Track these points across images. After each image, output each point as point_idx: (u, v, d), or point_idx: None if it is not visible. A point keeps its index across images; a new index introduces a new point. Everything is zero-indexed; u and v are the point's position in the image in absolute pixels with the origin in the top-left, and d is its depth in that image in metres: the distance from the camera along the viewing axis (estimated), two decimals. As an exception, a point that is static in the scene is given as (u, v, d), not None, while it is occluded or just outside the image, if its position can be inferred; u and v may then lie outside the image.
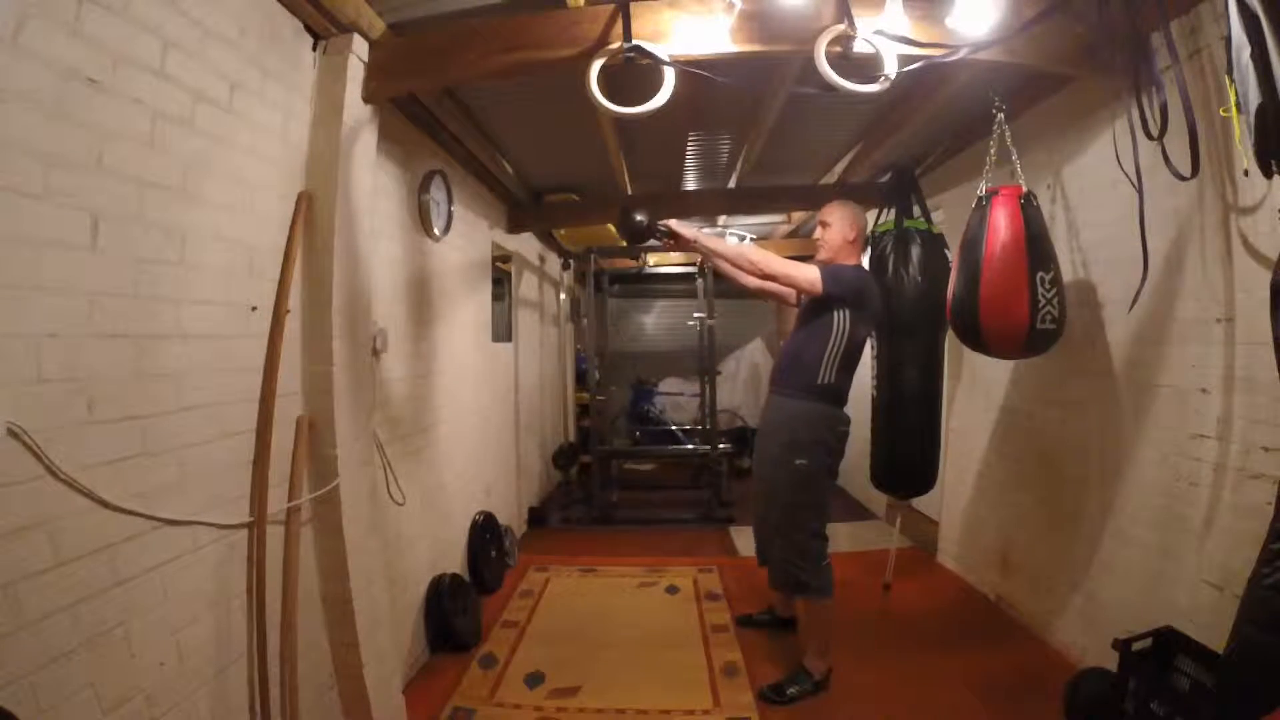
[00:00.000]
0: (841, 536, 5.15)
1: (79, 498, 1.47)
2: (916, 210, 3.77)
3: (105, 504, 1.53)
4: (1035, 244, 2.61)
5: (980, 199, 2.75)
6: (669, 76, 2.30)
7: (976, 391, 4.01)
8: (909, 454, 3.64)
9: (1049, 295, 2.58)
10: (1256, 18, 1.76)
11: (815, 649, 2.94)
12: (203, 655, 1.84)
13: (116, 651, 1.56)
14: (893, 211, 3.76)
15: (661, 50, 2.27)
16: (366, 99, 2.47)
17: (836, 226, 3.02)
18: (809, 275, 2.80)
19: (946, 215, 4.18)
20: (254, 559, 2.03)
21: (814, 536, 2.90)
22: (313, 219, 2.30)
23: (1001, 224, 2.64)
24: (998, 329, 2.66)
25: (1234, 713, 1.78)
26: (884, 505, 5.40)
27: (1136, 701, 2.19)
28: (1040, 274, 2.57)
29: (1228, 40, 1.88)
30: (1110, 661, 2.31)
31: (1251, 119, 1.83)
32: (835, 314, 2.84)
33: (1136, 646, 2.25)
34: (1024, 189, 2.69)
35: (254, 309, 2.08)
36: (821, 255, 3.05)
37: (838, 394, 2.91)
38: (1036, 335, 2.61)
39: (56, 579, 1.41)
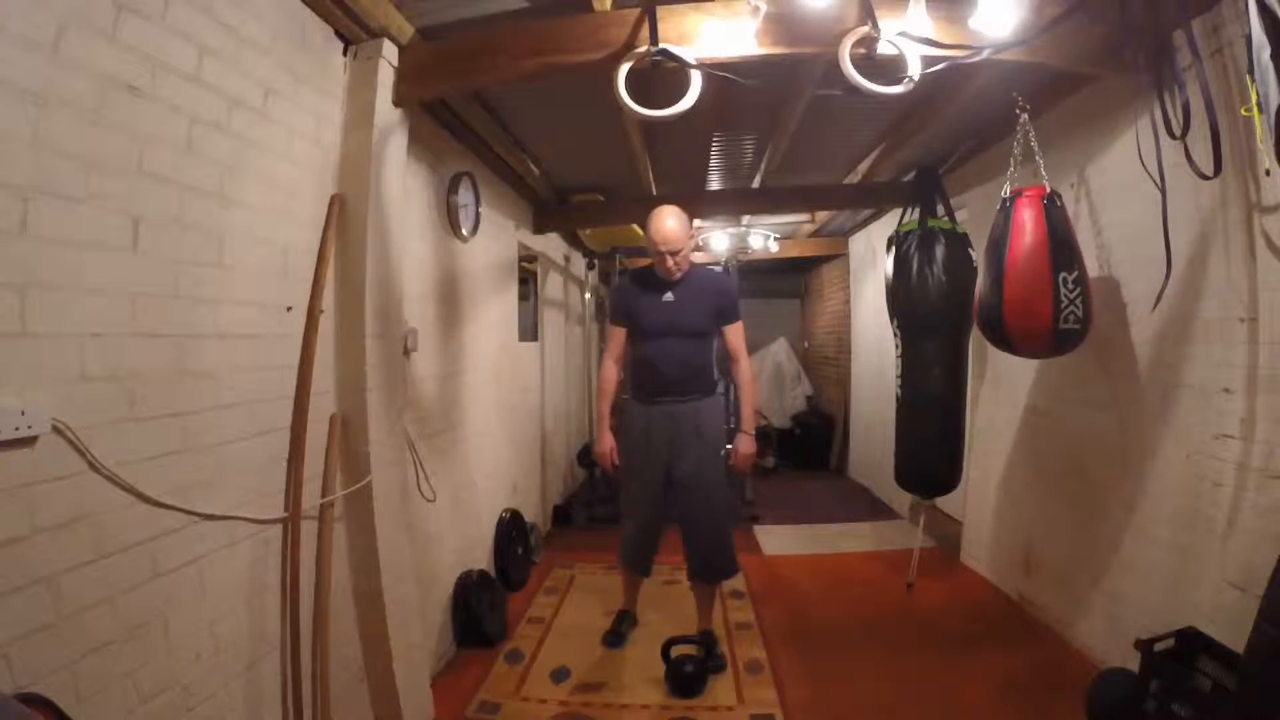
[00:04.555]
0: (865, 536, 5.16)
1: (120, 493, 1.51)
2: (940, 210, 3.75)
3: (145, 499, 1.57)
4: (1058, 245, 2.60)
5: (1004, 200, 2.75)
6: (695, 79, 2.31)
7: (1000, 391, 3.98)
8: (933, 453, 3.63)
9: (1072, 296, 2.57)
10: (1276, 18, 1.75)
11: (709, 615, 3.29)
12: (238, 647, 1.88)
13: (155, 643, 1.60)
14: (917, 211, 3.75)
15: (688, 53, 2.28)
16: (396, 103, 2.51)
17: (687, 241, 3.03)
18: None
19: (970, 214, 4.14)
20: (288, 554, 2.08)
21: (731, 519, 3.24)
22: (345, 221, 2.35)
23: (1025, 226, 2.65)
24: (1022, 329, 2.67)
25: (1255, 714, 1.76)
26: (907, 505, 5.37)
27: (1158, 702, 2.17)
28: (1063, 274, 2.57)
29: (1248, 39, 1.87)
30: (1132, 662, 2.29)
31: (1273, 119, 1.82)
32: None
33: (1159, 647, 2.24)
34: (1047, 189, 2.68)
35: (289, 309, 2.12)
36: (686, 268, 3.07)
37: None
38: (1060, 335, 2.61)
39: (98, 572, 1.45)
